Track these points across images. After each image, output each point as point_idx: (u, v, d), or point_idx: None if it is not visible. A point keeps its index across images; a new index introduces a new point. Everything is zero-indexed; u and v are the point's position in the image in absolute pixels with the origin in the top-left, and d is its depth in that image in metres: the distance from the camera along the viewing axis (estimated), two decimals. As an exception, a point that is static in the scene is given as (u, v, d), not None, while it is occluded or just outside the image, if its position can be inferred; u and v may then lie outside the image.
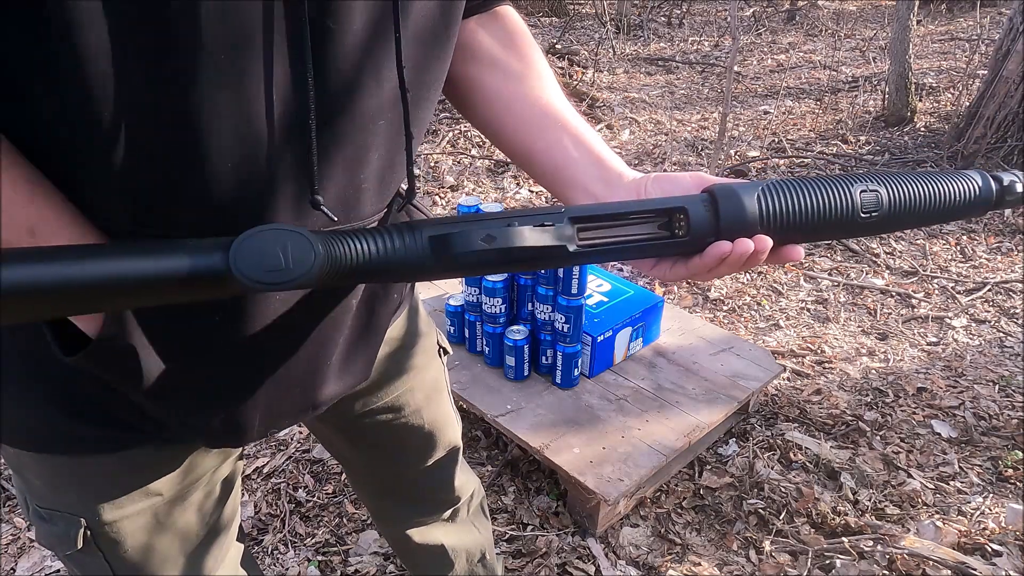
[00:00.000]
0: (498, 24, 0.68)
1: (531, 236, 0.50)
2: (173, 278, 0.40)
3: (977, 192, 0.60)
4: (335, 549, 1.63)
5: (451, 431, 0.96)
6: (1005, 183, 0.61)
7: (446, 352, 0.96)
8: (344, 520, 1.71)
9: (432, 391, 0.91)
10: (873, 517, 1.65)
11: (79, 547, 0.66)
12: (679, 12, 7.92)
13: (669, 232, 0.56)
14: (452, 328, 1.91)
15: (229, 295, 0.43)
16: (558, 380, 1.76)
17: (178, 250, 0.40)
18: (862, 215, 0.56)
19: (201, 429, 0.64)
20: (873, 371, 2.21)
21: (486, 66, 0.67)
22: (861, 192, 0.56)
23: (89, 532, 0.66)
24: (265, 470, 1.84)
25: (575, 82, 4.85)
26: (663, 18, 7.80)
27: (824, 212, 0.56)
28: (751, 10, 8.03)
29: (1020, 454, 1.81)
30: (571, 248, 0.52)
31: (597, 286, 1.96)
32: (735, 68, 5.17)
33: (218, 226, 0.46)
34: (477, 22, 0.67)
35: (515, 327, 1.75)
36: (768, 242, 0.55)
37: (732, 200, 0.55)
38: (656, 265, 0.60)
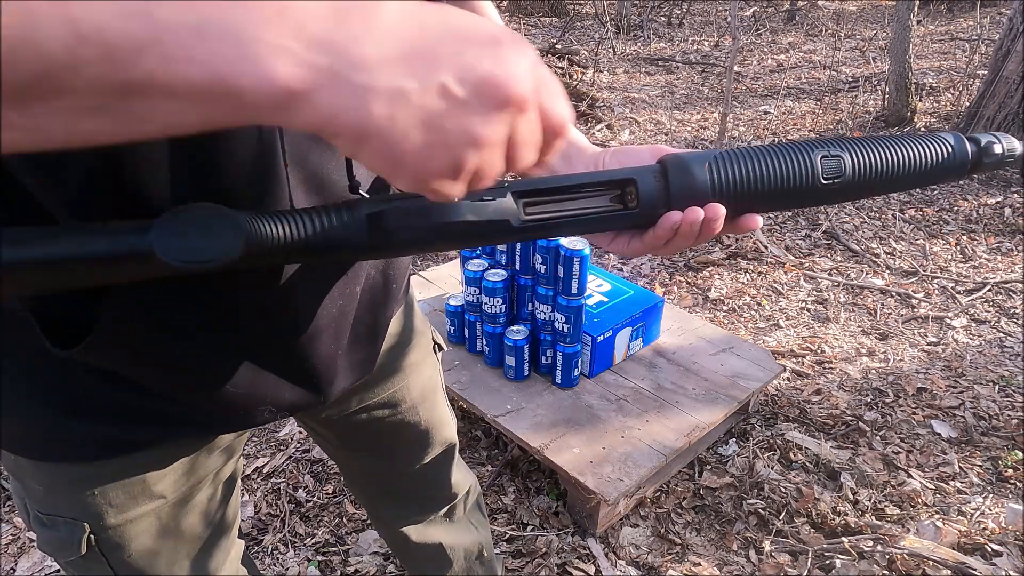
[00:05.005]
0: None
1: (470, 211, 0.49)
2: (96, 258, 0.40)
3: (950, 154, 0.58)
4: (335, 549, 1.63)
5: (447, 428, 0.97)
6: (982, 144, 0.59)
7: (441, 348, 0.96)
8: (344, 520, 1.71)
9: (428, 388, 0.91)
10: (873, 517, 1.65)
11: (82, 553, 0.65)
12: (679, 12, 7.92)
13: (621, 204, 0.54)
14: (452, 328, 1.91)
15: (160, 274, 0.42)
16: (558, 380, 1.76)
17: (103, 232, 0.40)
18: (823, 181, 0.55)
19: (209, 412, 0.63)
20: (873, 371, 2.21)
21: None
22: (822, 158, 0.55)
23: (93, 537, 0.65)
24: (265, 470, 1.84)
25: (575, 82, 4.85)
26: (663, 18, 7.80)
27: (781, 179, 0.54)
28: (751, 10, 8.03)
29: (1020, 454, 1.81)
30: (515, 223, 0.51)
31: (597, 286, 1.96)
32: (735, 68, 5.17)
33: None
34: None
35: (515, 327, 1.75)
36: (720, 210, 0.53)
37: (682, 169, 0.54)
38: (614, 240, 0.59)
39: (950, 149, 0.58)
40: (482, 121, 0.34)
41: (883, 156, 0.56)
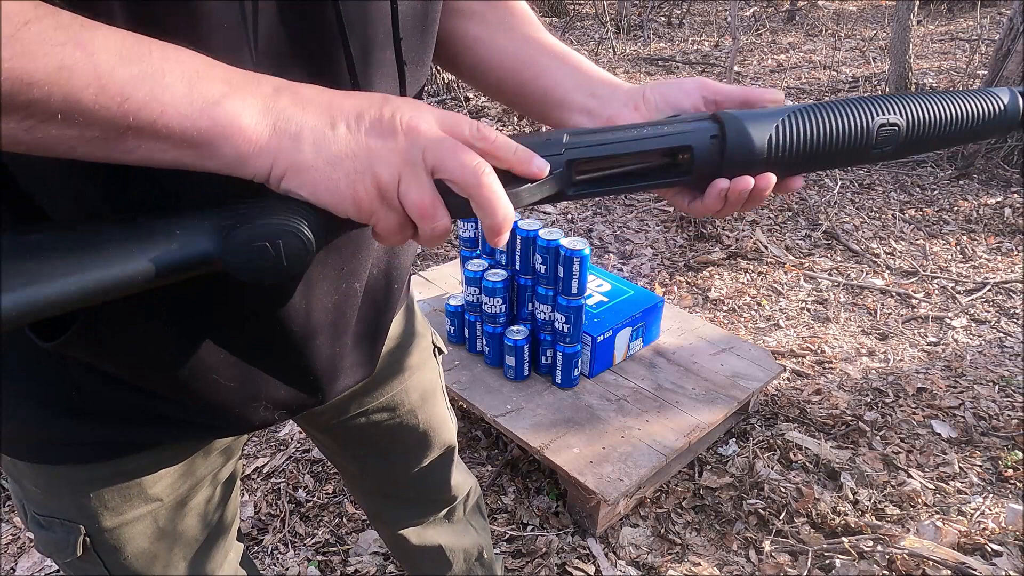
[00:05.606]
0: None
1: (528, 196, 0.48)
2: (164, 270, 0.41)
3: (1002, 109, 0.57)
4: (335, 549, 1.63)
5: (446, 431, 0.96)
6: None
7: (441, 352, 0.96)
8: (344, 520, 1.71)
9: (427, 391, 0.91)
10: (873, 517, 1.65)
11: (78, 554, 0.65)
12: (679, 12, 7.92)
13: (672, 160, 0.53)
14: (452, 328, 1.91)
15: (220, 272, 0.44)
16: (558, 380, 1.76)
17: (170, 240, 0.41)
18: (874, 151, 0.55)
19: (207, 412, 0.63)
20: (873, 371, 2.21)
21: (467, 17, 0.69)
22: (880, 127, 0.54)
23: (88, 539, 0.65)
24: (265, 470, 1.84)
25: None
26: (663, 18, 7.80)
27: (834, 147, 0.54)
28: (751, 10, 8.03)
29: (1020, 454, 1.81)
30: (569, 191, 0.51)
31: (597, 286, 1.96)
32: (735, 68, 5.17)
33: None
34: None
35: (515, 327, 1.75)
36: (771, 180, 0.54)
37: (741, 137, 0.52)
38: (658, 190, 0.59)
39: (1003, 105, 0.57)
40: (381, 145, 0.43)
41: (937, 116, 0.56)
